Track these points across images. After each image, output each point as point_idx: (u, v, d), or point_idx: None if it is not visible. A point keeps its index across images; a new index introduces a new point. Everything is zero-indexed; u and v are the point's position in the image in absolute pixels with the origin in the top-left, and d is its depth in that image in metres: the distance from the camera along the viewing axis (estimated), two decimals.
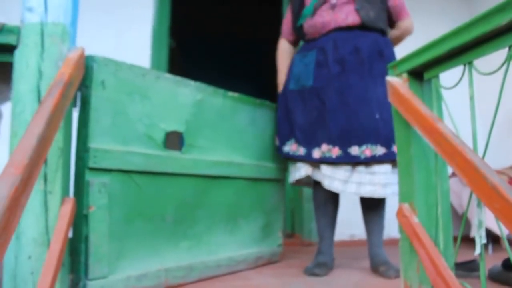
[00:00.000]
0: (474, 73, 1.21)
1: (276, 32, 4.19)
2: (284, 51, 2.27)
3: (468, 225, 2.91)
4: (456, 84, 1.27)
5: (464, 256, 2.17)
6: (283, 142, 2.11)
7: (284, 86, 2.16)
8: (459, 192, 2.90)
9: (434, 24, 2.63)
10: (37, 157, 0.95)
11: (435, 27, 2.26)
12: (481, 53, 1.14)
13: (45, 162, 1.25)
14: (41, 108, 1.02)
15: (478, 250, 1.12)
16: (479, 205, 1.15)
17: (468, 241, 2.68)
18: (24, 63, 1.24)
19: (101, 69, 1.48)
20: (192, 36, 5.62)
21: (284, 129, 2.12)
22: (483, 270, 1.11)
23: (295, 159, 2.05)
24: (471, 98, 1.18)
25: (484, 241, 1.11)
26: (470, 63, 1.19)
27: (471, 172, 1.00)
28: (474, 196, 1.26)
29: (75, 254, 1.43)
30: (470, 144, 1.12)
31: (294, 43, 2.25)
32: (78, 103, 1.49)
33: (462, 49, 1.20)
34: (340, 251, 2.48)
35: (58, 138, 1.27)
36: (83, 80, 1.44)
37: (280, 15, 3.68)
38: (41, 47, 1.26)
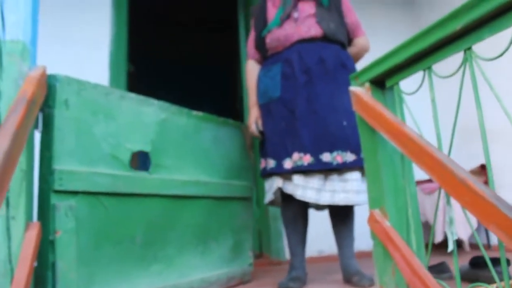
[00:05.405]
0: (434, 81, 1.27)
1: (234, 57, 4.26)
2: (252, 71, 2.24)
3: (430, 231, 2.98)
4: (418, 89, 1.32)
5: (432, 261, 2.22)
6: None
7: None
8: (421, 202, 2.99)
9: (381, 40, 2.76)
10: (2, 179, 0.89)
11: (382, 43, 2.39)
12: (439, 57, 1.20)
13: None
14: (5, 126, 0.98)
15: (451, 246, 1.15)
16: (448, 202, 1.18)
17: (433, 247, 2.75)
18: None
19: (64, 88, 1.44)
20: (151, 61, 5.60)
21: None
22: (457, 264, 1.15)
23: (267, 173, 2.05)
24: (433, 100, 1.23)
25: (456, 237, 1.15)
26: (429, 68, 1.24)
27: (439, 169, 1.04)
28: (442, 195, 1.30)
29: (41, 283, 1.36)
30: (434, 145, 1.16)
31: (261, 62, 2.24)
32: (40, 124, 1.44)
33: (420, 55, 1.26)
34: (310, 267, 2.47)
35: (20, 160, 1.22)
36: (46, 99, 1.40)
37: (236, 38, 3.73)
38: None
